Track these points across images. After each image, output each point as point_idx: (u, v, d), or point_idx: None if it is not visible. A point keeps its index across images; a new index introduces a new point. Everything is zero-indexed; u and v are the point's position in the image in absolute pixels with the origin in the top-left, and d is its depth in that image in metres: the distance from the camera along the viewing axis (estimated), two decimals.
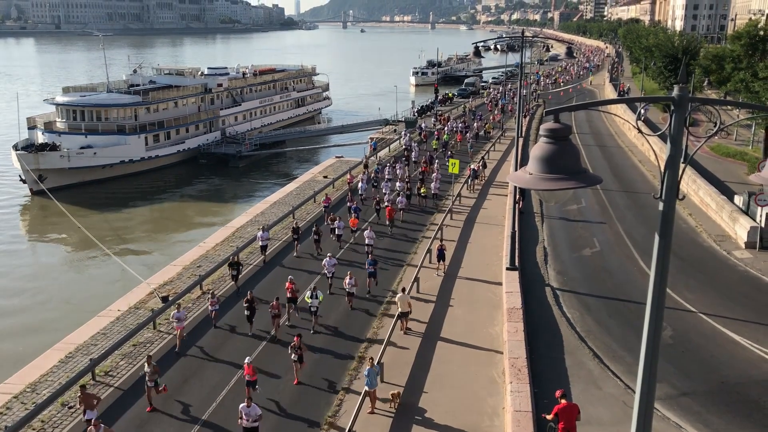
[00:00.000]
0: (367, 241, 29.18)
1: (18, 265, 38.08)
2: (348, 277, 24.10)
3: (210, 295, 23.47)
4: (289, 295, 23.11)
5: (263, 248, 29.34)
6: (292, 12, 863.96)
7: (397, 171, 42.13)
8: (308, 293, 22.51)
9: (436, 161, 44.96)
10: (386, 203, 34.79)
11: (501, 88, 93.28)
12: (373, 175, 41.93)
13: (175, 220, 47.87)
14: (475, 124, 61.90)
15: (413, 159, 48.84)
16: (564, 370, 19.42)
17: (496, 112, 72.58)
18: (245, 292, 23.75)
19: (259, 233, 29.44)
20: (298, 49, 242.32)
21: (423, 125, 61.72)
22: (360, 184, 39.86)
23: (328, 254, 26.45)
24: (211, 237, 33.39)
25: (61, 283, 35.34)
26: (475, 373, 19.41)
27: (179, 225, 46.78)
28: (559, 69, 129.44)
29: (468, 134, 56.77)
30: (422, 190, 37.92)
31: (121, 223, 45.84)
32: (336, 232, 30.72)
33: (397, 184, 38.89)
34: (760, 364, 19.75)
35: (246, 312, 22.17)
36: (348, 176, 42.97)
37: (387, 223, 33.32)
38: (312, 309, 22.37)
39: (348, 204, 34.74)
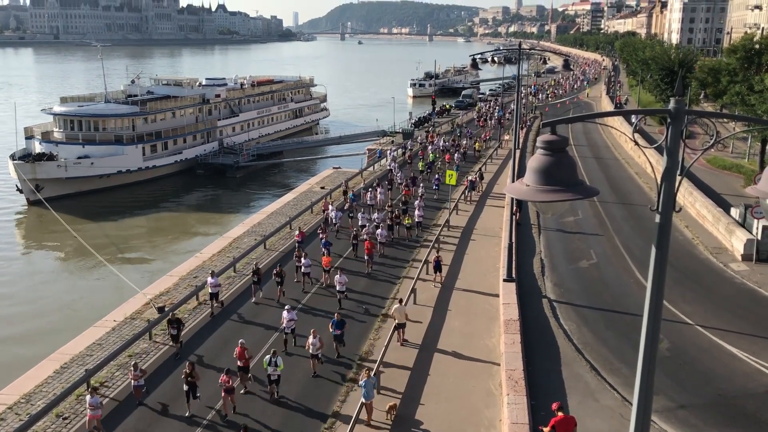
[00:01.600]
0: (338, 287, 25.06)
1: (14, 275, 38.03)
2: (311, 336, 19.95)
3: (132, 368, 18.89)
4: (240, 363, 19.28)
5: (214, 296, 24.81)
6: (290, 24, 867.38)
7: (379, 196, 38.45)
8: (266, 358, 18.85)
9: (421, 185, 41.31)
10: (363, 236, 30.60)
11: (492, 103, 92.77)
12: (348, 205, 37.26)
13: (172, 230, 47.83)
14: (463, 142, 58.77)
15: (397, 182, 43.37)
16: (561, 382, 19.36)
17: (487, 129, 69.95)
18: (185, 356, 20.81)
19: (210, 279, 24.85)
20: (296, 60, 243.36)
21: (409, 144, 58.96)
22: (333, 213, 34.68)
23: (286, 307, 22.17)
24: (208, 247, 33.31)
25: (57, 292, 35.22)
26: (471, 385, 19.34)
27: (176, 235, 46.72)
28: (552, 82, 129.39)
29: (456, 154, 52.49)
30: (406, 221, 33.77)
31: (118, 233, 45.76)
32: (302, 271, 26.94)
33: (375, 215, 34.23)
34: (757, 376, 19.72)
35: (184, 387, 17.95)
36: (322, 203, 38.18)
37: (365, 259, 29.07)
38: (272, 378, 18.70)
39: (320, 237, 30.59)
